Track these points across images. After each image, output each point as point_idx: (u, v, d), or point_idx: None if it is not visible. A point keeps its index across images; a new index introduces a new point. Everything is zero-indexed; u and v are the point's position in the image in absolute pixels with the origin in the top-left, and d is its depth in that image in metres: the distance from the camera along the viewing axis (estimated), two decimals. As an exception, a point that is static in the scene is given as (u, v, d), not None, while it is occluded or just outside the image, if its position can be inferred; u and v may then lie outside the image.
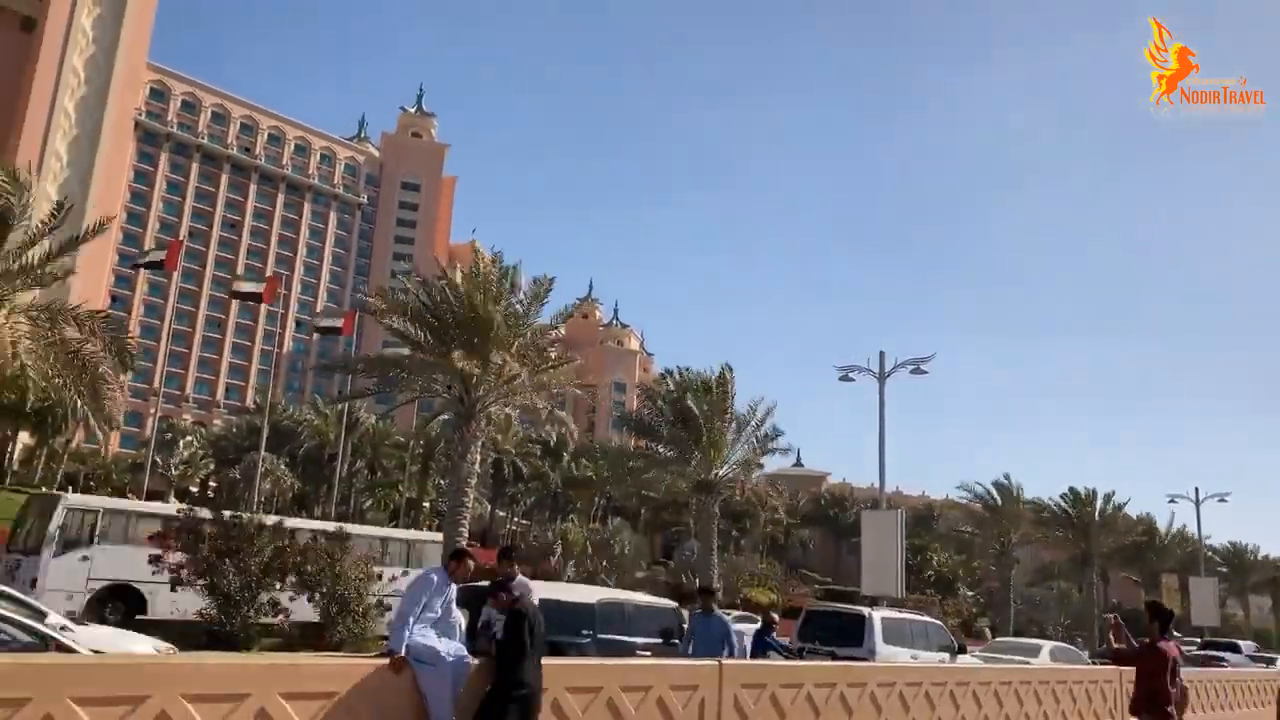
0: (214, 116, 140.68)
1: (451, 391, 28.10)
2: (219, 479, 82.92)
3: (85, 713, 6.09)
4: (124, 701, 6.31)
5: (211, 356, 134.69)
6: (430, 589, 8.53)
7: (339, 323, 70.43)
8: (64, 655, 8.74)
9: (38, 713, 5.93)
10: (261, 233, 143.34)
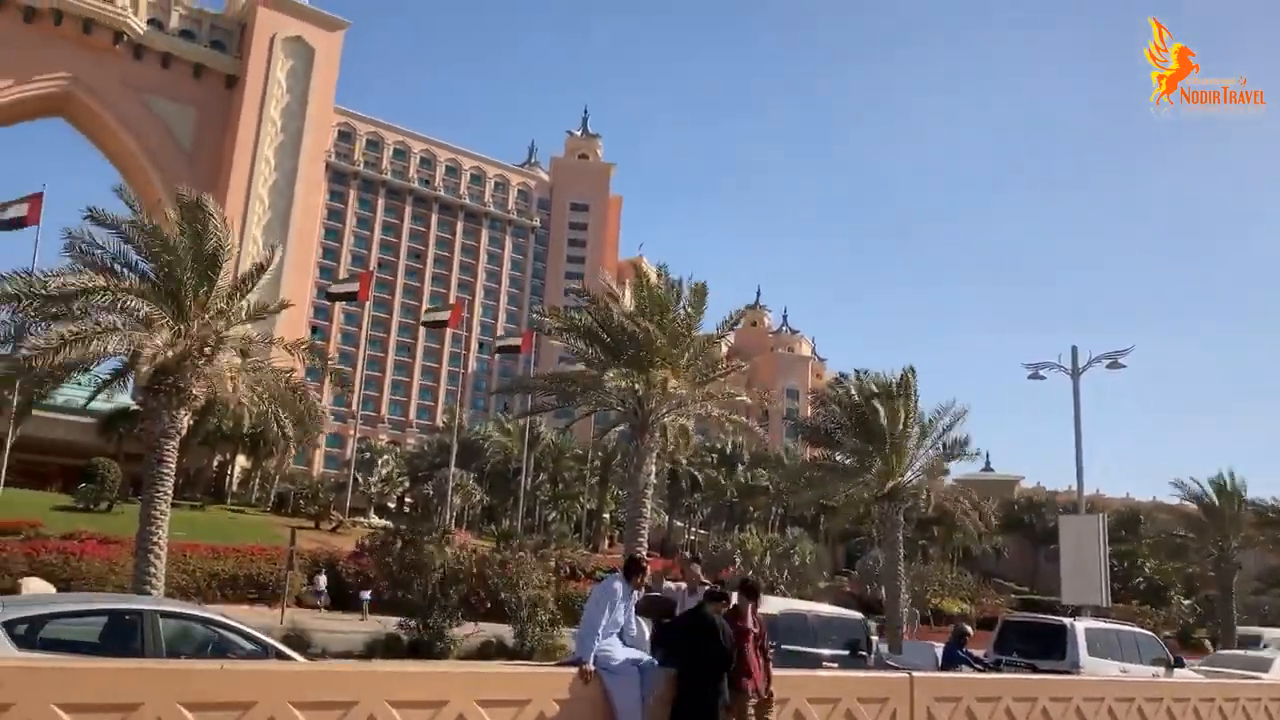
0: (396, 153, 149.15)
1: (625, 405, 28.57)
2: (414, 495, 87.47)
3: (303, 716, 6.55)
4: (336, 707, 6.74)
5: (403, 379, 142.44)
6: (614, 598, 8.68)
7: (517, 342, 73.14)
8: (283, 663, 9.39)
9: (262, 714, 6.42)
10: (444, 260, 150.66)
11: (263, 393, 23.88)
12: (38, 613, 10.43)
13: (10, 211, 51.15)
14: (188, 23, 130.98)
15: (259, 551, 38.67)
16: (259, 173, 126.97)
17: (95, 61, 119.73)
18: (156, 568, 21.72)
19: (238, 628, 11.14)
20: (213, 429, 65.90)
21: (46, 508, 47.87)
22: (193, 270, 21.65)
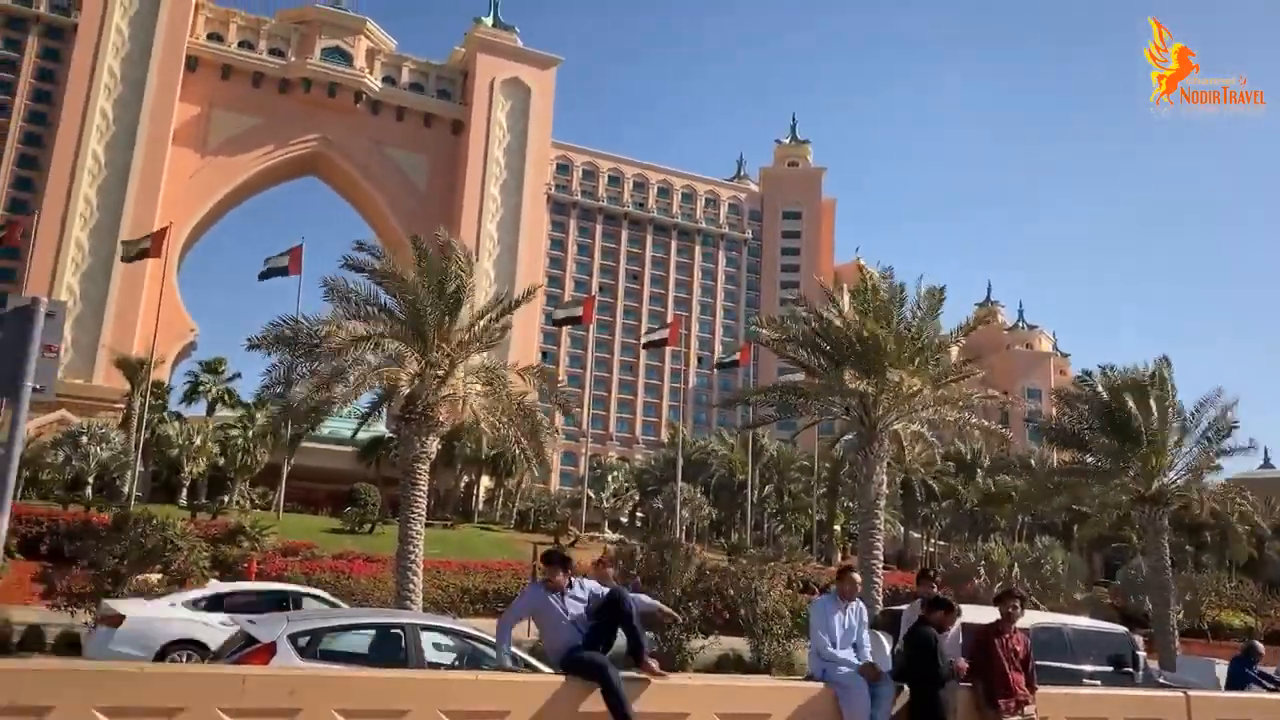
0: (610, 180, 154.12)
1: (850, 413, 27.89)
2: (644, 509, 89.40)
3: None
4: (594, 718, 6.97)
5: (628, 397, 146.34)
6: (829, 611, 8.61)
7: (736, 356, 73.35)
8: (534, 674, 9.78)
9: None
10: (660, 279, 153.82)
11: (500, 416, 25.23)
12: (317, 626, 11.45)
13: (276, 263, 57.07)
14: (416, 76, 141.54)
15: (505, 567, 40.72)
16: (487, 210, 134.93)
17: (339, 121, 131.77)
18: (415, 584, 23.36)
19: (489, 640, 11.77)
20: (459, 452, 70.32)
21: (318, 530, 52.70)
22: (435, 307, 23.26)
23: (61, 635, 21.68)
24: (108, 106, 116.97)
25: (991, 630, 8.71)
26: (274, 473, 64.73)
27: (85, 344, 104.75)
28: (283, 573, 34.63)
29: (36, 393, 10.62)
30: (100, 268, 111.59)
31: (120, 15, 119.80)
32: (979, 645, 8.68)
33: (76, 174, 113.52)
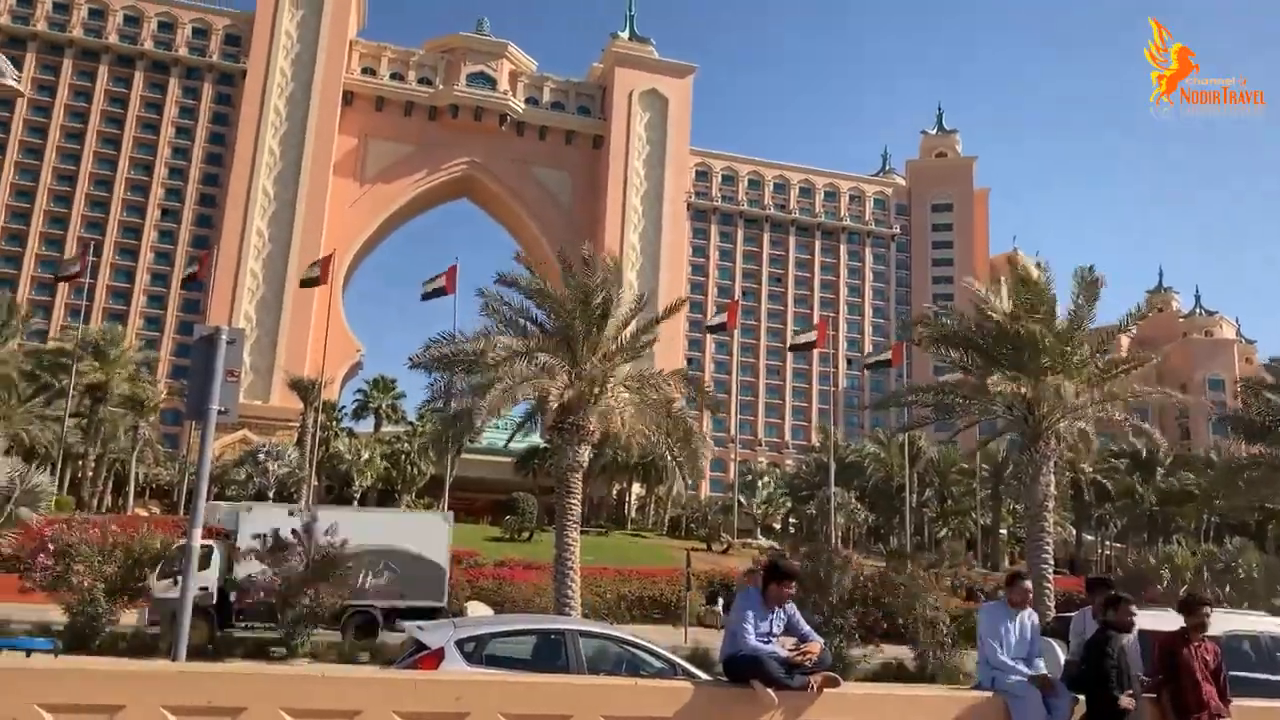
0: (750, 183, 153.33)
1: (1012, 413, 26.70)
2: (797, 515, 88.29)
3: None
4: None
5: (775, 402, 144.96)
6: (999, 618, 8.27)
7: (887, 356, 71.51)
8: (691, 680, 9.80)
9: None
10: (804, 280, 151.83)
11: (650, 424, 25.48)
12: (482, 632, 11.83)
13: (435, 284, 59.55)
14: (557, 95, 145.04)
15: (659, 573, 41.01)
16: (629, 221, 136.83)
17: (487, 144, 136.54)
18: (573, 590, 23.85)
19: (647, 646, 11.85)
20: (609, 460, 71.37)
21: (480, 538, 54.54)
22: (582, 320, 23.76)
23: (252, 642, 23.23)
24: (274, 144, 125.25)
25: (1179, 638, 8.13)
26: (438, 484, 67.44)
27: (262, 367, 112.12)
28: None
29: (221, 415, 11.44)
30: (273, 295, 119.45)
31: (283, 57, 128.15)
32: (1165, 654, 8.12)
33: (249, 209, 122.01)
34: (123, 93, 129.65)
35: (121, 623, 23.02)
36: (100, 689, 5.79)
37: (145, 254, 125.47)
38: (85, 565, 22.26)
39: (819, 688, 7.35)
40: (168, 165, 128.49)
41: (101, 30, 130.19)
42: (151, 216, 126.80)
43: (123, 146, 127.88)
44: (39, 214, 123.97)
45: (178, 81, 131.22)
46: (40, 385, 63.43)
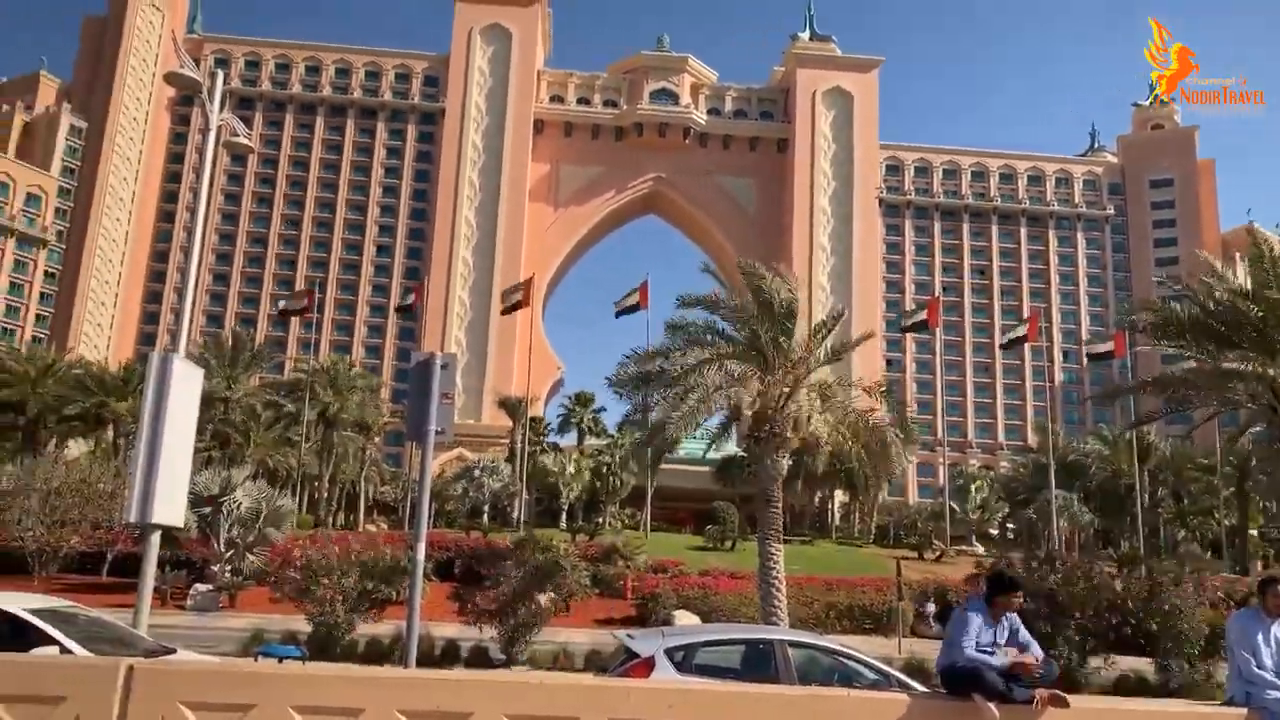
0: (945, 173, 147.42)
1: (1257, 401, 24.23)
2: (1015, 519, 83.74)
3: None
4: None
5: (985, 401, 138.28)
6: (1252, 628, 7.53)
7: (1108, 346, 66.70)
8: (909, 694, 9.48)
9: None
10: (1010, 271, 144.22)
11: (845, 431, 24.91)
12: (691, 641, 11.93)
13: (627, 301, 60.91)
14: (739, 103, 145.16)
15: (868, 583, 39.94)
16: (818, 222, 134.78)
17: (672, 159, 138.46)
18: (779, 600, 23.61)
19: (859, 657, 11.58)
20: (809, 468, 70.32)
21: (683, 548, 55.03)
22: (770, 327, 23.57)
23: (473, 649, 24.39)
24: (474, 176, 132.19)
25: None
26: (640, 494, 68.72)
27: (473, 388, 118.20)
28: (654, 589, 36.50)
29: (439, 436, 12.14)
30: (480, 320, 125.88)
31: (477, 93, 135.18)
32: None
33: (455, 239, 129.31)
34: (337, 140, 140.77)
35: (359, 631, 24.74)
36: (343, 693, 6.24)
37: (364, 288, 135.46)
38: (326, 579, 24.12)
39: (1044, 703, 6.93)
40: (379, 204, 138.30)
41: (317, 84, 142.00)
42: (367, 253, 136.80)
43: (339, 190, 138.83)
44: (271, 258, 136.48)
45: (384, 125, 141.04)
46: (280, 414, 69.61)
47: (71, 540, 38.77)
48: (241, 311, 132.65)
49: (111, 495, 38.69)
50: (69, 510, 38.64)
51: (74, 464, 45.42)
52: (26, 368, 63.61)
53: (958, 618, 7.62)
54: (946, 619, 8.16)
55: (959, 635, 7.40)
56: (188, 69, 14.52)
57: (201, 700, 5.57)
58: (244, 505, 36.32)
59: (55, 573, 39.33)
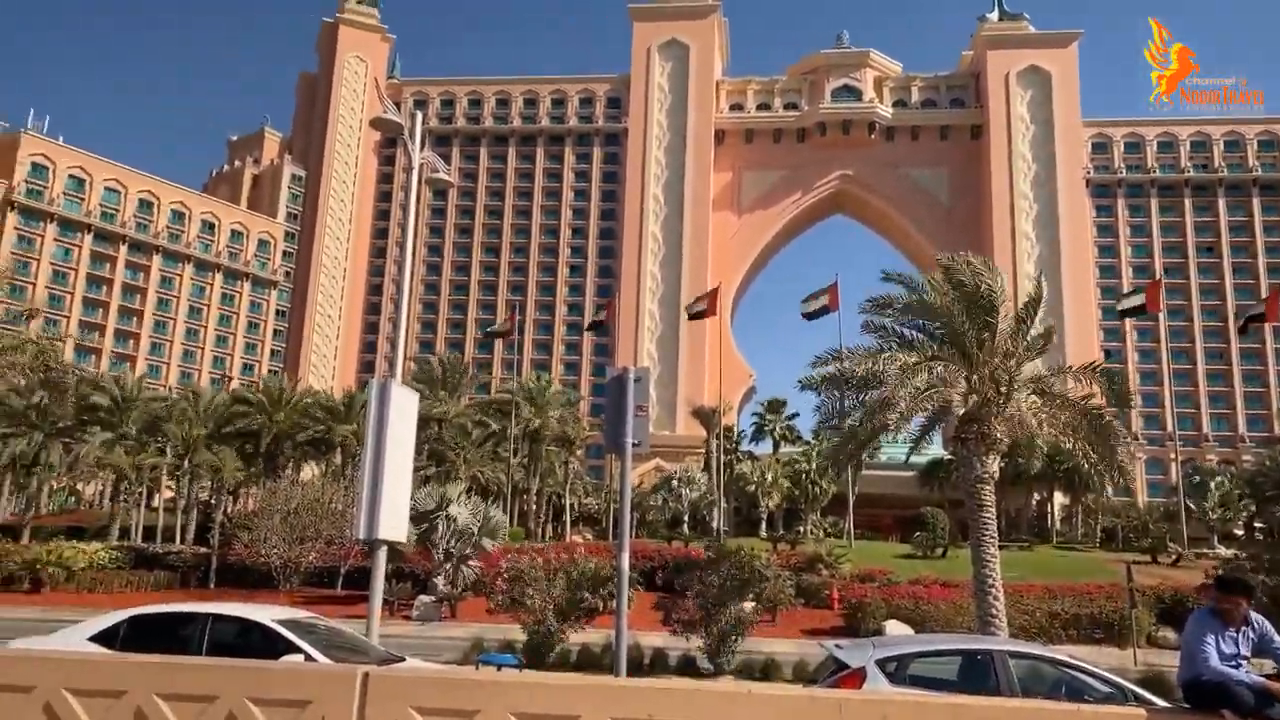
0: (1160, 145, 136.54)
1: None
2: (1263, 518, 76.08)
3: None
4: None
5: (1221, 389, 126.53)
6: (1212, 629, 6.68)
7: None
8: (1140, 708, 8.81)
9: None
10: (1243, 246, 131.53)
11: (1063, 427, 23.41)
12: (903, 652, 11.56)
13: (816, 304, 59.99)
14: (927, 92, 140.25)
15: (1095, 590, 37.33)
16: (1019, 208, 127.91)
17: (858, 156, 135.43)
18: (996, 609, 22.43)
19: (1088, 668, 10.86)
20: (1024, 469, 66.65)
21: (889, 556, 53.37)
22: (973, 321, 22.50)
23: (681, 658, 24.61)
24: (658, 192, 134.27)
25: None
26: (841, 501, 67.30)
27: (666, 399, 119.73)
28: (862, 599, 35.64)
29: (636, 447, 12.38)
30: (669, 332, 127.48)
31: (658, 110, 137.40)
32: None
33: (642, 254, 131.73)
34: (528, 168, 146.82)
35: (571, 640, 25.51)
36: (560, 700, 6.44)
37: (559, 307, 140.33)
38: (536, 589, 25.04)
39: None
40: (570, 226, 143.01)
41: (507, 116, 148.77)
42: (561, 273, 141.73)
43: (533, 215, 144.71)
44: (474, 284, 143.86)
45: (572, 149, 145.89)
46: (489, 432, 73.02)
47: (309, 556, 42.12)
48: (450, 336, 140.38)
49: (342, 513, 41.79)
50: (306, 528, 42.03)
51: (308, 485, 49.37)
52: (264, 399, 69.81)
53: (1194, 627, 7.05)
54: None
55: (1199, 646, 6.83)
56: (390, 113, 15.56)
57: (429, 706, 5.90)
58: (459, 520, 38.27)
59: (297, 586, 42.83)
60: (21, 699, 5.69)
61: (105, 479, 77.03)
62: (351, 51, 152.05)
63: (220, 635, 11.33)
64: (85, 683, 5.69)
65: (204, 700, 5.61)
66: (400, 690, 5.97)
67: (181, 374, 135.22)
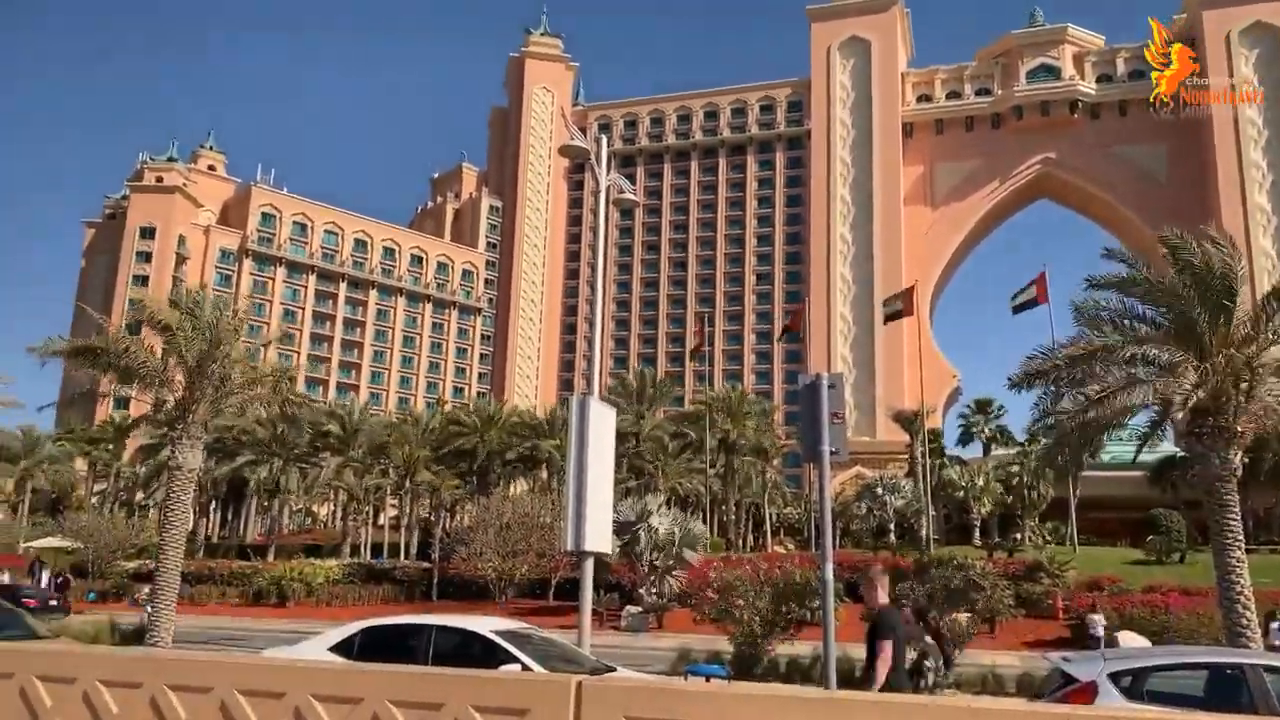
0: None
1: None
2: None
3: None
4: None
5: None
6: None
7: None
8: None
9: None
10: None
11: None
12: (1140, 665, 10.73)
13: (1024, 296, 56.93)
14: (1134, 63, 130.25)
15: (1368, 597, 33.32)
16: (1250, 179, 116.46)
17: (1058, 137, 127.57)
18: (1247, 618, 20.40)
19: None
20: (1272, 465, 60.48)
21: (1118, 561, 49.69)
22: (1204, 304, 20.63)
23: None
24: (845, 192, 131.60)
25: None
26: (1061, 505, 63.35)
27: (864, 404, 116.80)
28: (1090, 608, 33.44)
29: (833, 455, 12.15)
30: (864, 335, 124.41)
31: (841, 109, 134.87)
32: None
33: (831, 257, 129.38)
34: (711, 180, 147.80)
35: (778, 651, 25.27)
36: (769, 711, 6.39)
37: (748, 317, 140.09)
38: (742, 599, 24.98)
39: None
40: (756, 235, 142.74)
41: (688, 131, 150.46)
42: (748, 282, 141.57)
43: (717, 227, 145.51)
44: (663, 299, 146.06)
45: (754, 158, 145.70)
46: (685, 444, 73.75)
47: (522, 568, 43.89)
48: (642, 351, 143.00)
49: (550, 526, 43.31)
50: (518, 542, 43.83)
51: (518, 501, 51.53)
52: (476, 419, 73.52)
53: None
54: None
55: None
56: (576, 140, 16.08)
57: (640, 715, 5.99)
58: (660, 531, 38.81)
59: (511, 597, 44.71)
60: (273, 703, 6.24)
61: (337, 500, 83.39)
62: (538, 83, 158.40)
63: (443, 646, 11.98)
64: (328, 690, 6.16)
65: (431, 708, 5.95)
66: (612, 698, 6.11)
67: (399, 399, 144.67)
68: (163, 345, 24.79)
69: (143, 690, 6.59)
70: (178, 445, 24.54)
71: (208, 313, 25.11)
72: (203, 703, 6.39)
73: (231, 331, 24.87)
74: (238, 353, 25.35)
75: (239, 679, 6.44)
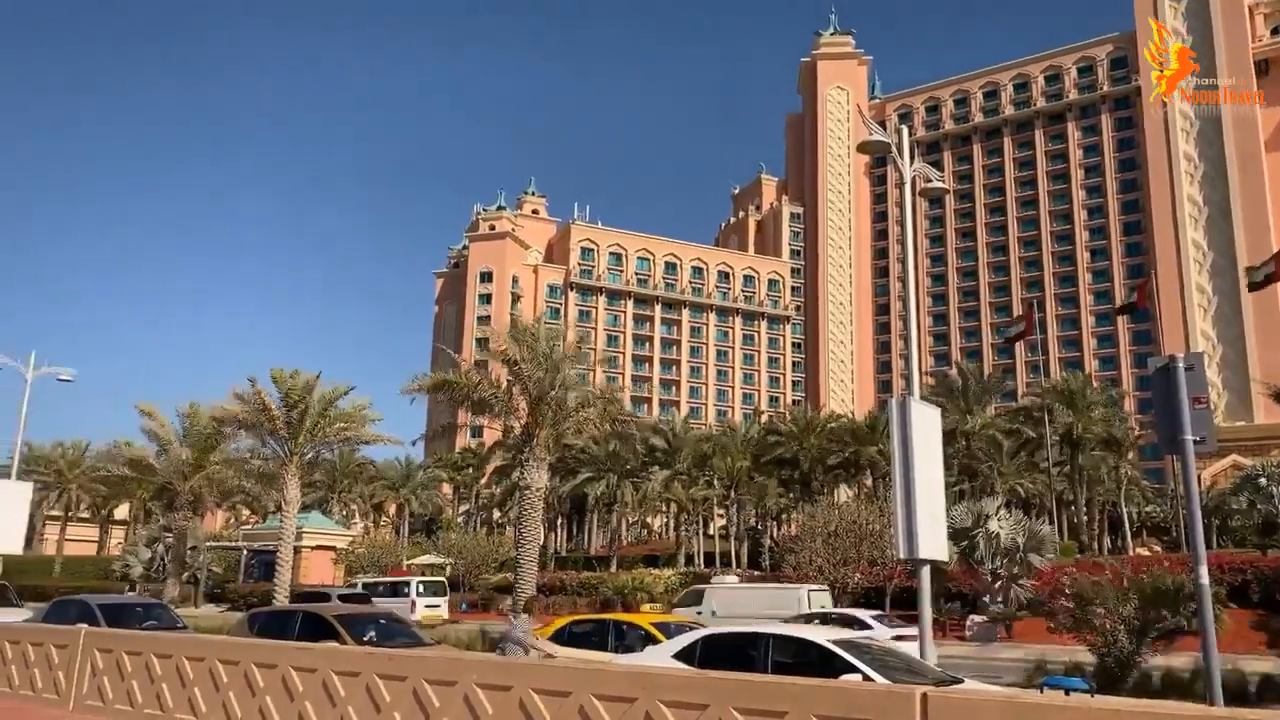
0: None
1: None
2: None
3: None
4: None
5: None
6: None
7: None
8: None
9: None
10: None
11: None
12: None
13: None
14: None
15: None
16: None
17: None
18: None
19: None
20: None
21: None
22: None
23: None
24: (1189, 148, 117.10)
25: None
26: None
27: (1235, 384, 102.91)
28: None
29: (1198, 444, 10.83)
30: (1228, 306, 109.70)
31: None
32: None
33: (1178, 222, 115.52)
34: (1028, 155, 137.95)
35: (1150, 663, 22.82)
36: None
37: (1084, 296, 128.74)
38: (1101, 607, 22.84)
39: None
40: (1085, 207, 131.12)
41: (997, 107, 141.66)
42: (1081, 260, 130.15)
43: (1039, 204, 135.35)
44: (983, 286, 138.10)
45: (1075, 125, 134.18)
46: (1021, 441, 68.99)
47: (854, 577, 43.15)
48: (965, 345, 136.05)
49: (880, 534, 42.22)
50: (847, 550, 43.17)
51: (844, 508, 50.80)
52: (794, 428, 73.55)
53: None
54: None
55: None
56: (875, 134, 15.68)
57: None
58: (1000, 535, 36.55)
59: (846, 606, 44.09)
60: (625, 707, 6.62)
61: (669, 511, 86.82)
62: (832, 83, 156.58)
63: (781, 654, 12.08)
64: (673, 696, 6.44)
65: (774, 716, 6.03)
66: (960, 711, 5.86)
67: (717, 412, 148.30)
68: (507, 377, 27.30)
69: (512, 693, 7.28)
70: (525, 466, 26.85)
71: (543, 344, 27.31)
72: (564, 705, 6.94)
73: (565, 360, 26.88)
74: (570, 379, 27.34)
75: (595, 685, 6.93)
